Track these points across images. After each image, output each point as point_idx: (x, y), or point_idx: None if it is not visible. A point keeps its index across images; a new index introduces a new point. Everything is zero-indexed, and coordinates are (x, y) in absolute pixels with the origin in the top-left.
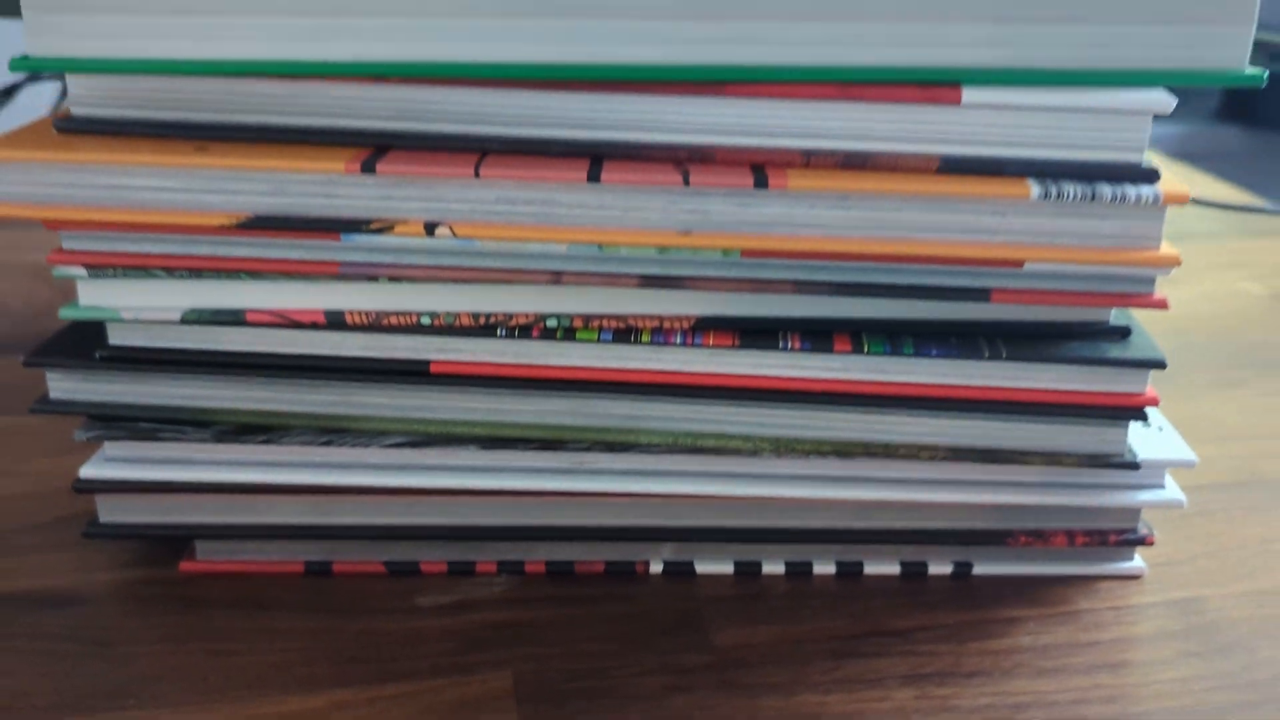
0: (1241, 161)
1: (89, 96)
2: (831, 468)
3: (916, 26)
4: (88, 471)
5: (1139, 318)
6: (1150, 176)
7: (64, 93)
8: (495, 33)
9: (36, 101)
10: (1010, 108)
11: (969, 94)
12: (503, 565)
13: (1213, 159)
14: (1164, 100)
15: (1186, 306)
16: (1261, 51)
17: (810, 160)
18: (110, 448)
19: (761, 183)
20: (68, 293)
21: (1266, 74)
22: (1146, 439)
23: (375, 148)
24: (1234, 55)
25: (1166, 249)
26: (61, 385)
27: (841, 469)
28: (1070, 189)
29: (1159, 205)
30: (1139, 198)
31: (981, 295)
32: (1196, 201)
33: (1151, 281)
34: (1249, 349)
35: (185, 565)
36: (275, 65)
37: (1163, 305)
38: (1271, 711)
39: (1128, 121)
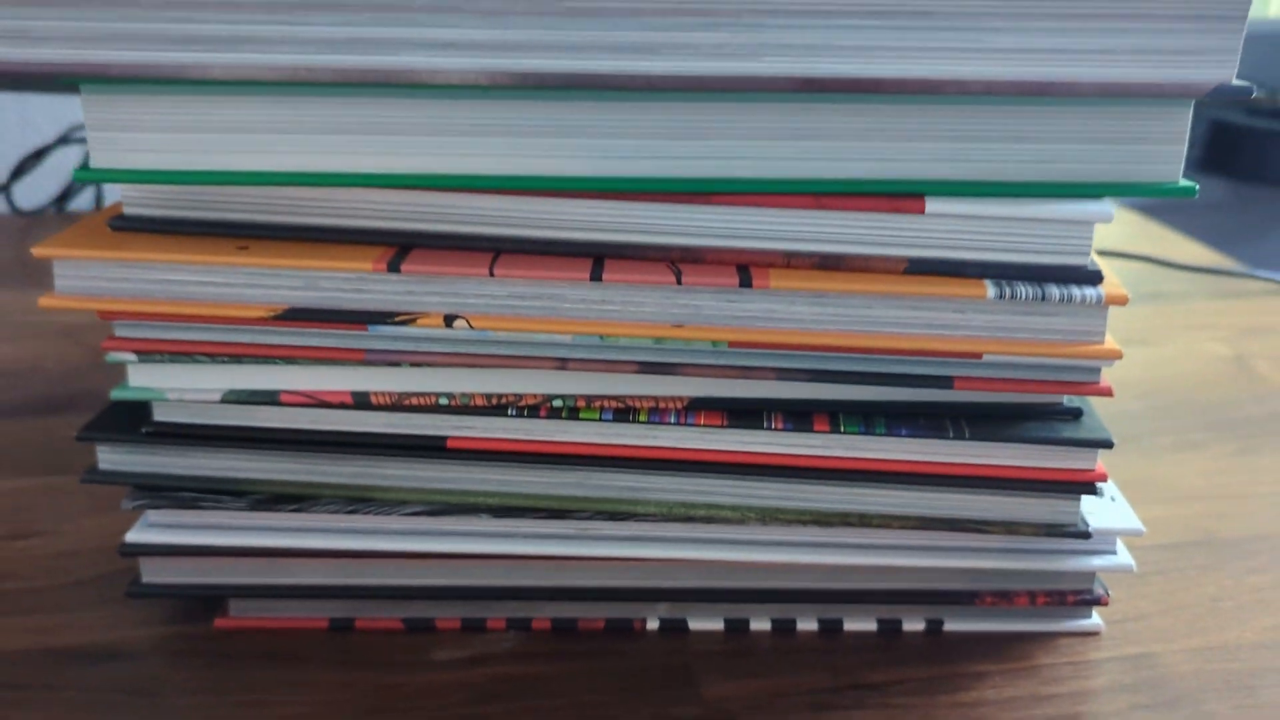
0: (1223, 212)
1: (141, 198)
2: (812, 535)
3: (884, 144)
4: (133, 537)
5: (1111, 377)
6: (1094, 279)
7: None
8: (507, 149)
9: (64, 163)
10: (969, 216)
11: (932, 204)
12: (512, 622)
13: (1195, 209)
14: (1105, 211)
15: (1155, 369)
16: (1239, 105)
17: (790, 261)
18: (153, 515)
19: (746, 282)
20: (98, 353)
21: (1197, 187)
22: (1099, 508)
23: (399, 247)
24: (1168, 170)
25: (1109, 344)
26: (110, 458)
27: (821, 536)
28: (1023, 289)
29: (1101, 305)
30: (1083, 298)
31: (945, 383)
32: (1168, 264)
33: (1097, 371)
34: (1211, 411)
35: (220, 621)
36: (310, 177)
37: (1107, 393)
38: None
39: (1073, 229)
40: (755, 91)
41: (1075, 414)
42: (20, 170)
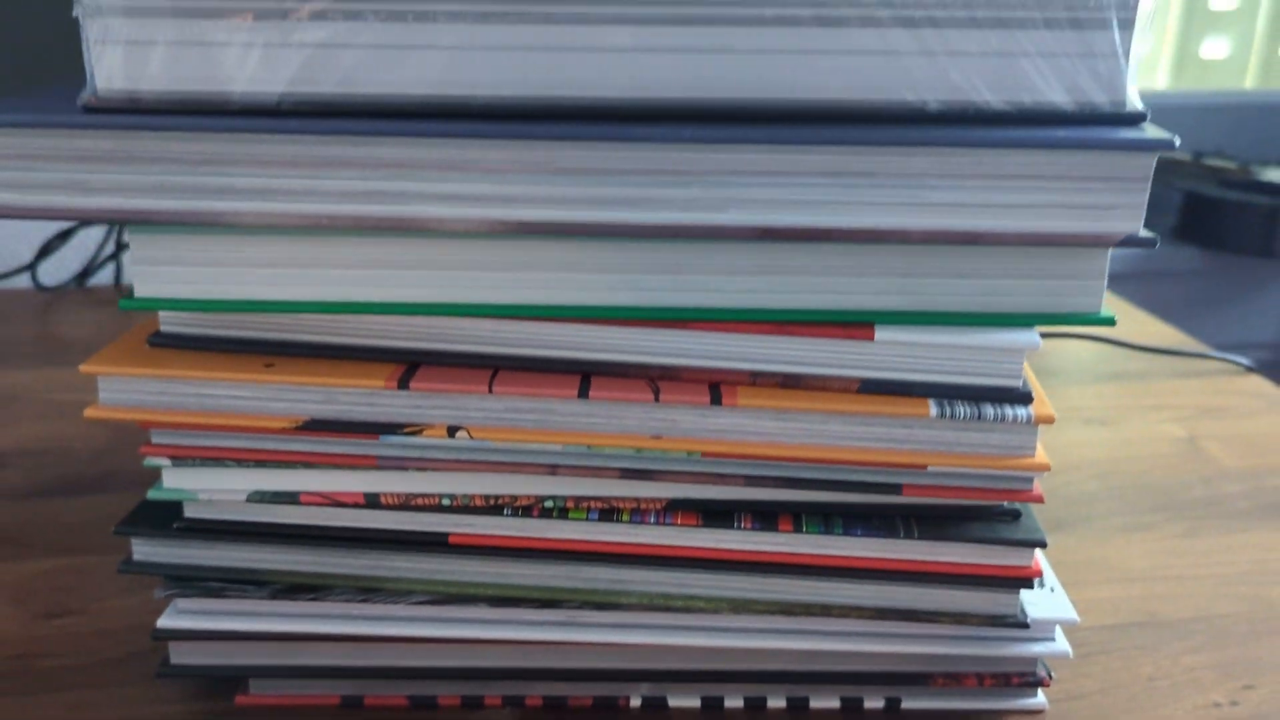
0: (1195, 279)
1: (177, 318)
2: (780, 623)
3: (838, 279)
4: (164, 622)
5: (1073, 458)
6: (1025, 399)
7: (109, 231)
8: (505, 282)
9: (86, 241)
10: (913, 343)
11: (880, 332)
12: (508, 700)
13: (1169, 276)
14: (1032, 340)
15: (1113, 449)
16: (1214, 177)
17: (755, 381)
18: (182, 602)
19: (716, 399)
20: (123, 433)
21: (1115, 317)
22: (1040, 599)
23: (408, 365)
24: (1089, 302)
25: (1040, 456)
26: (144, 549)
27: (788, 624)
28: (961, 409)
29: (1031, 423)
30: (1015, 417)
31: (895, 489)
32: (1130, 345)
33: (1030, 480)
34: (1161, 492)
35: (241, 699)
36: (329, 305)
37: (1039, 500)
38: None
39: (1006, 356)
40: (722, 238)
41: (1014, 515)
42: (46, 250)
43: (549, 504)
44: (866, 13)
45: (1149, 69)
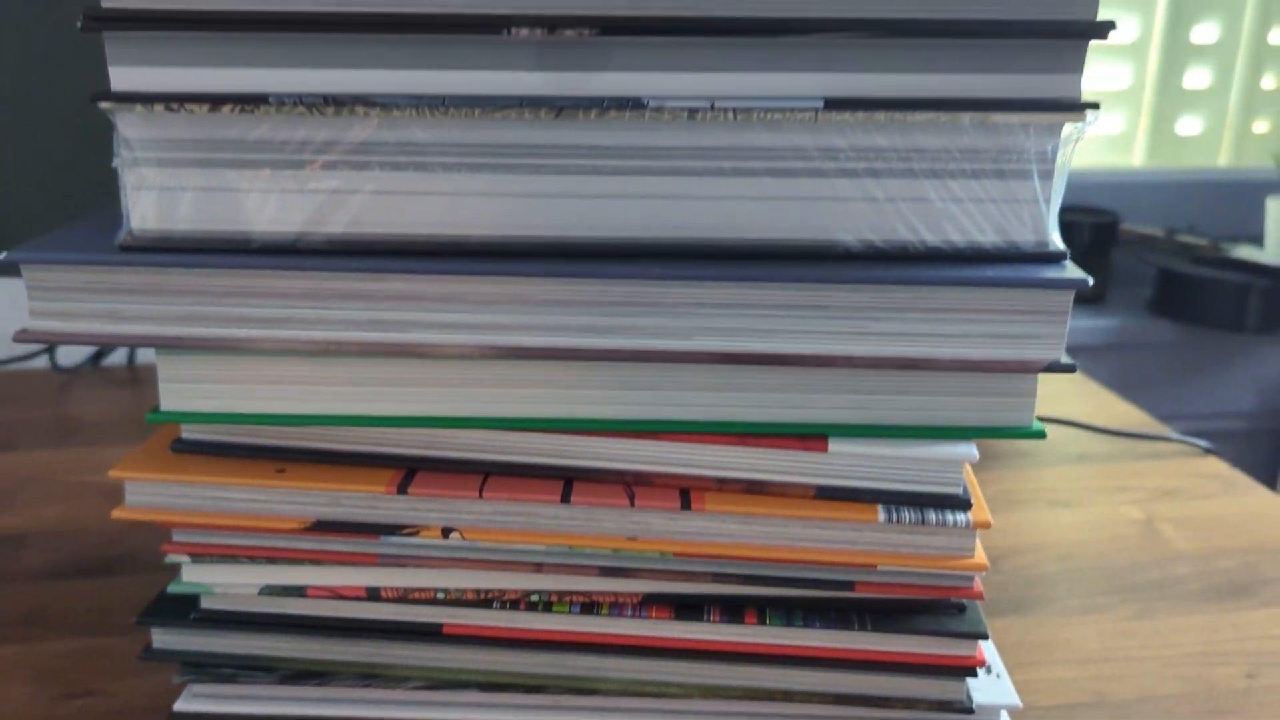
0: (1169, 352)
1: (197, 427)
2: (746, 707)
3: (794, 396)
4: (181, 706)
5: (1037, 540)
6: (964, 505)
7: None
8: (494, 398)
9: (117, 356)
10: (863, 454)
11: (833, 444)
12: None
13: (1145, 349)
14: (970, 453)
15: (1074, 532)
16: (1187, 253)
17: (721, 487)
18: (198, 687)
19: (686, 504)
20: None
21: (1045, 431)
22: (985, 685)
23: (407, 470)
24: (1021, 417)
25: (979, 557)
26: (162, 638)
27: (754, 709)
28: (907, 514)
29: (970, 528)
30: (955, 522)
31: (848, 586)
32: (1094, 429)
33: (970, 578)
34: (1117, 574)
35: None
36: (336, 419)
37: (979, 597)
38: None
39: (946, 466)
40: (687, 363)
41: (960, 609)
42: None
43: (535, 598)
44: (814, 165)
45: (1126, 145)
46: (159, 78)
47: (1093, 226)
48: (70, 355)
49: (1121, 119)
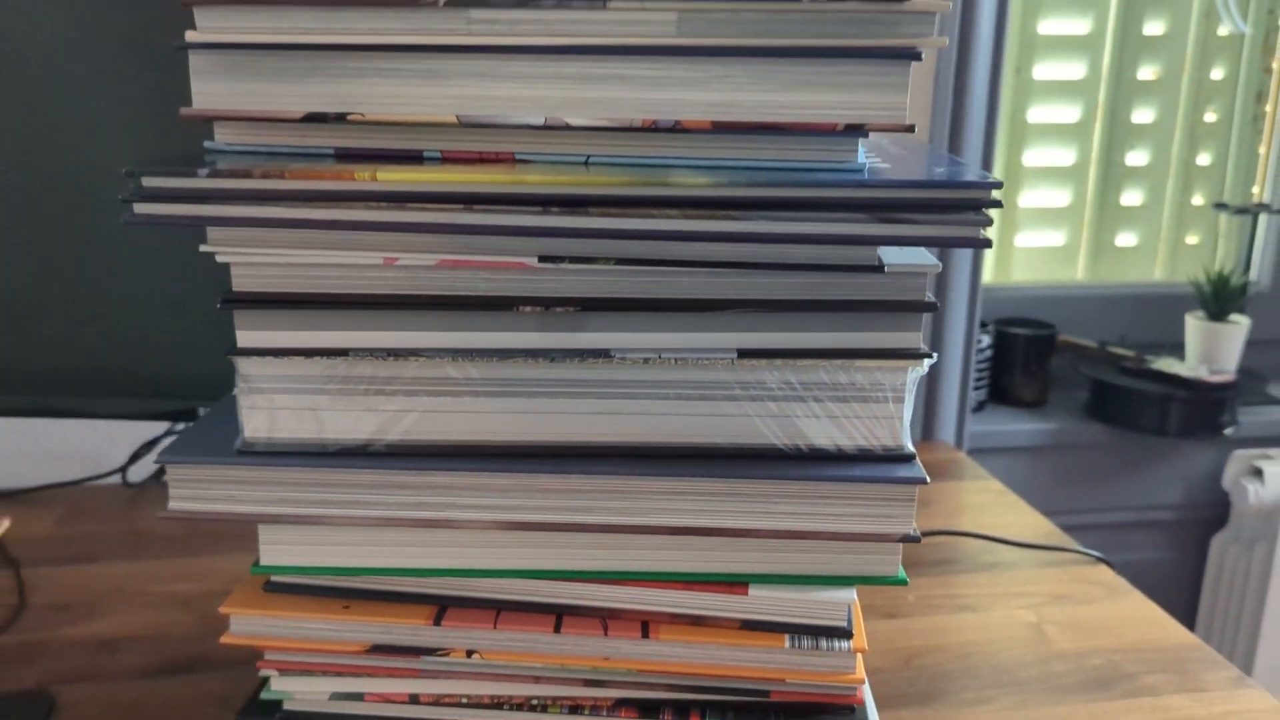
0: (1100, 452)
1: (285, 575)
2: None
3: (723, 554)
4: None
5: (944, 640)
6: (847, 635)
7: None
8: (507, 556)
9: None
10: (773, 597)
11: (753, 589)
12: None
13: (1082, 449)
14: (849, 595)
15: (976, 633)
16: (1115, 365)
17: (672, 619)
18: None
19: (646, 633)
20: (209, 623)
21: (908, 581)
22: None
23: (440, 607)
24: (890, 569)
25: (859, 673)
26: None
27: None
28: (806, 641)
29: (851, 651)
30: (840, 647)
31: (765, 694)
32: (1004, 541)
33: (854, 689)
34: (1004, 671)
35: None
36: (391, 570)
37: (859, 703)
38: None
39: (834, 605)
40: (645, 533)
41: (850, 709)
42: (135, 456)
43: (535, 702)
44: (731, 393)
45: (1071, 259)
46: (269, 337)
47: (1033, 339)
48: (137, 471)
49: (1064, 235)
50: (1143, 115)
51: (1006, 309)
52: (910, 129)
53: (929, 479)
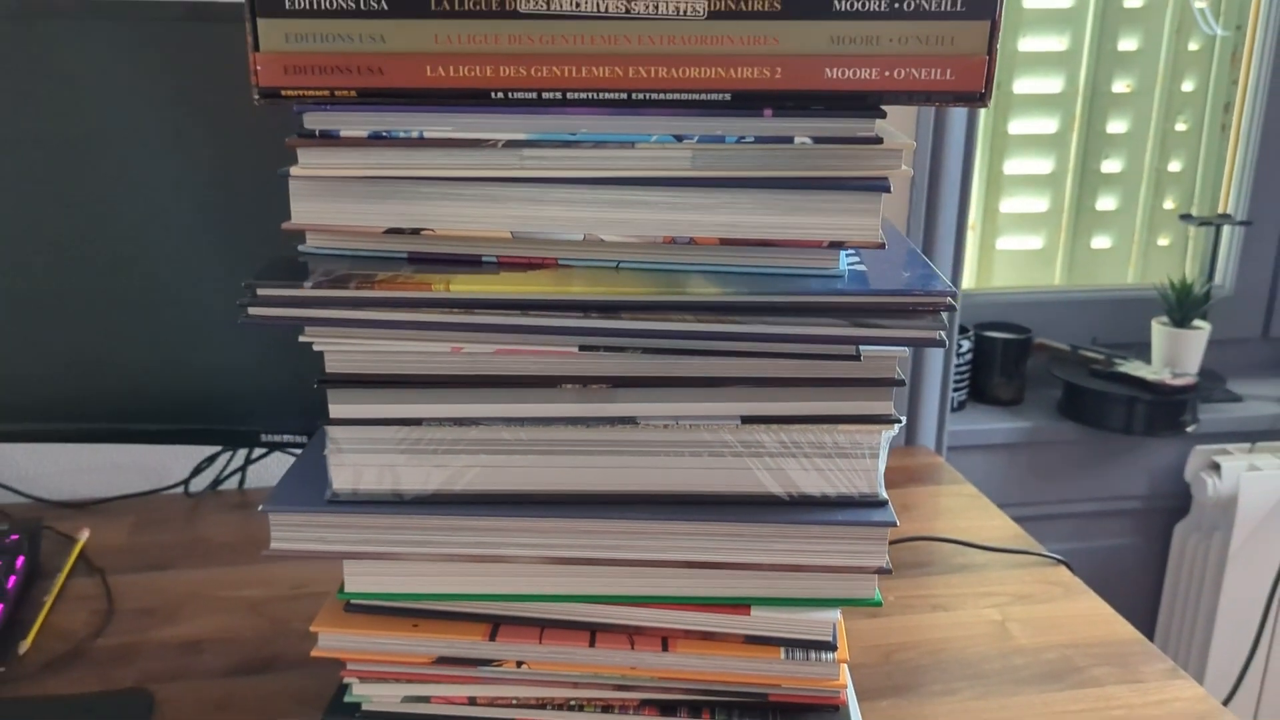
0: (1070, 448)
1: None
2: None
3: (730, 582)
4: None
5: (919, 637)
6: (832, 648)
7: (235, 455)
8: (549, 583)
9: (231, 482)
10: (770, 617)
11: (755, 610)
12: None
13: (1055, 445)
14: (834, 615)
15: (945, 631)
16: (1085, 367)
17: (688, 635)
18: None
19: (665, 647)
20: (279, 626)
21: (882, 601)
22: None
23: (494, 625)
24: (867, 592)
25: (841, 679)
26: None
27: None
28: (798, 653)
29: (834, 662)
30: (825, 658)
31: (764, 696)
32: (973, 545)
33: (837, 692)
34: (969, 664)
35: None
36: (455, 595)
37: (843, 703)
38: None
39: (820, 623)
40: (664, 566)
41: (835, 708)
42: (197, 470)
43: (573, 704)
44: (736, 450)
45: (1049, 261)
46: (356, 410)
47: (1009, 343)
48: (197, 484)
49: (1042, 239)
50: (1117, 126)
51: (987, 314)
52: (881, 246)
53: (910, 484)
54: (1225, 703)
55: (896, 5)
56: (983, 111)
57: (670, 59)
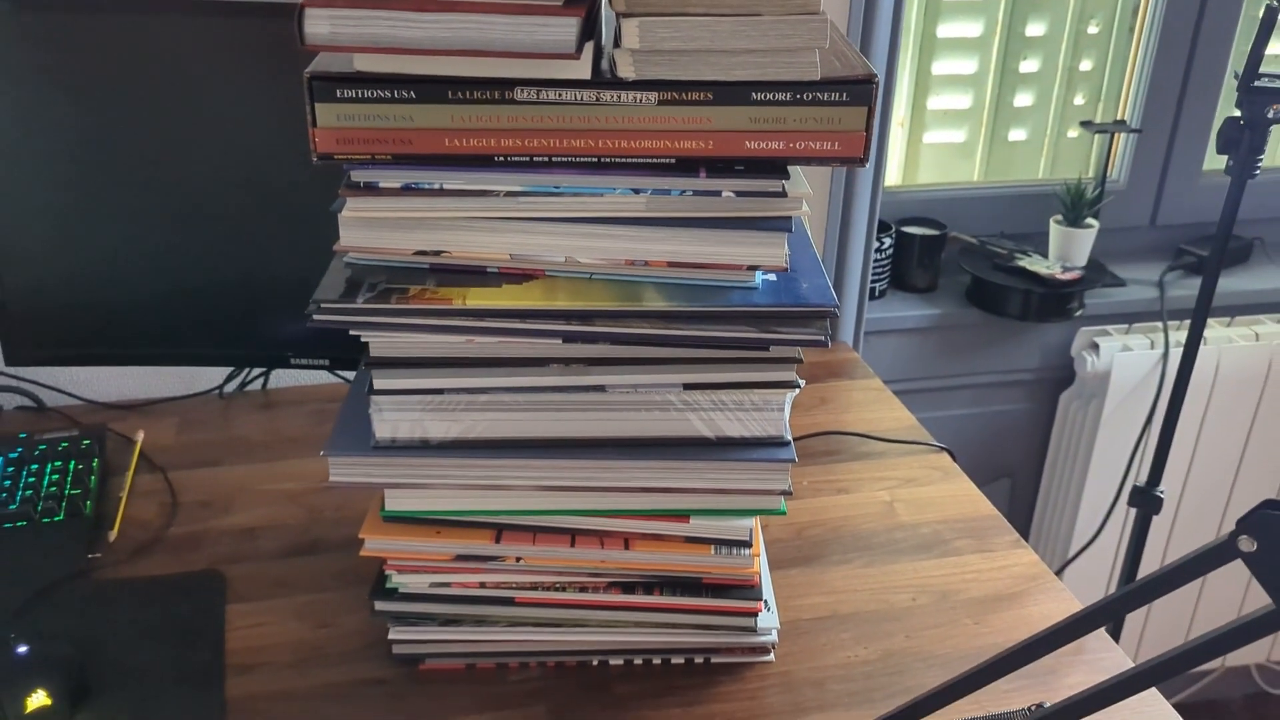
0: (973, 331)
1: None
2: (644, 633)
3: (674, 498)
4: (393, 637)
5: (817, 515)
6: (749, 545)
7: (252, 373)
8: (540, 502)
9: (255, 385)
10: (705, 523)
11: (693, 519)
12: (539, 664)
13: (962, 328)
14: (749, 523)
15: (844, 510)
16: (989, 260)
17: (643, 536)
18: (397, 629)
19: (626, 545)
20: (316, 514)
21: (786, 509)
22: (764, 616)
23: (498, 530)
24: (775, 505)
25: (755, 567)
26: (380, 604)
27: (653, 631)
28: (725, 549)
29: (750, 555)
30: (743, 553)
31: (699, 579)
32: (872, 437)
33: (752, 576)
34: (862, 538)
35: (423, 667)
36: (467, 511)
37: (755, 583)
38: None
39: (740, 528)
40: (626, 492)
41: (751, 586)
42: (230, 377)
43: (558, 586)
44: (677, 407)
45: (970, 154)
46: (393, 383)
47: (925, 238)
48: (229, 387)
49: (964, 134)
50: (1035, 29)
51: (910, 209)
52: (785, 269)
53: (829, 378)
54: (1096, 535)
55: (799, 95)
56: (913, 13)
57: (630, 134)
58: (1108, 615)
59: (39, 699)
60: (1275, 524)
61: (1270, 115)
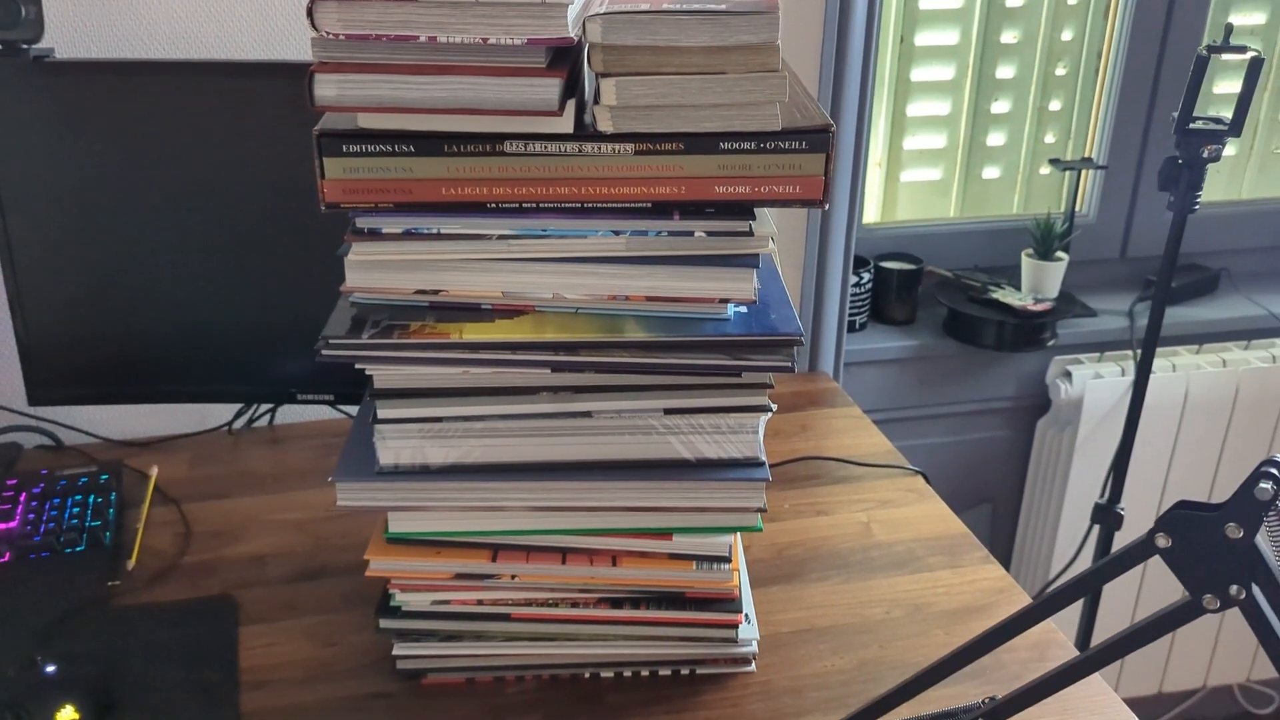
0: (950, 362)
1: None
2: (632, 647)
3: (658, 517)
4: (396, 653)
5: (797, 536)
6: (728, 560)
7: (262, 409)
8: (533, 523)
9: (262, 420)
10: (687, 541)
11: (676, 536)
12: (534, 677)
13: (938, 359)
14: (728, 540)
15: (823, 531)
16: (964, 293)
17: (630, 554)
18: (401, 645)
19: (614, 563)
20: (322, 542)
21: (763, 527)
22: (744, 628)
23: (494, 550)
24: (751, 522)
25: (734, 581)
26: (384, 622)
27: (639, 644)
28: (706, 564)
29: (729, 570)
30: (723, 568)
31: (682, 593)
32: (850, 462)
33: (731, 589)
34: (839, 557)
35: (425, 681)
36: (464, 533)
37: (735, 595)
38: None
39: (720, 545)
40: (612, 511)
41: (731, 600)
42: (239, 414)
43: (550, 602)
44: (659, 430)
45: (946, 191)
46: (395, 412)
47: (903, 272)
48: (238, 423)
49: (940, 172)
50: (1005, 71)
51: (887, 245)
52: (755, 302)
53: (810, 407)
54: (1075, 556)
55: (762, 144)
56: (886, 58)
57: (609, 181)
58: (1041, 614)
59: (67, 714)
60: (1187, 522)
61: (1205, 155)
